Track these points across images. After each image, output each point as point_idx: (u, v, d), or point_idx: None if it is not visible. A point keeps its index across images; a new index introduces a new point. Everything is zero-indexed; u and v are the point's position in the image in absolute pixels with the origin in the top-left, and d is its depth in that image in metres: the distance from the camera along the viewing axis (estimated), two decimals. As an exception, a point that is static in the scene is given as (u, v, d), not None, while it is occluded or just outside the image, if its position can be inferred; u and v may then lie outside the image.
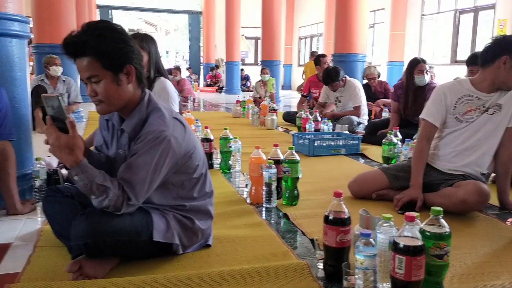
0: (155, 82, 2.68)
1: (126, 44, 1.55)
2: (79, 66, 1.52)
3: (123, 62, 1.55)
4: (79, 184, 1.49)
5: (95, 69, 1.51)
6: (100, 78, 1.52)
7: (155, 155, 1.55)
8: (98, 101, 1.57)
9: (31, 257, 1.73)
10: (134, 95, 1.62)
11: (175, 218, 1.71)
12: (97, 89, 1.54)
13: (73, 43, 1.49)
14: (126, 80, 1.57)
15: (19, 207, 2.25)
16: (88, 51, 1.49)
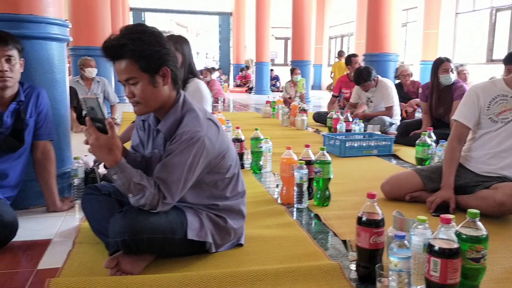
0: (189, 83, 2.73)
1: (162, 46, 1.59)
2: (118, 68, 1.57)
3: (160, 64, 1.59)
4: (118, 183, 1.54)
5: (133, 71, 1.56)
6: (137, 80, 1.57)
7: (189, 155, 1.58)
8: (135, 103, 1.61)
9: (70, 253, 1.80)
10: (169, 97, 1.66)
11: (209, 217, 1.74)
12: (134, 91, 1.58)
13: (112, 46, 1.54)
14: (162, 82, 1.61)
15: (58, 204, 2.34)
16: (126, 54, 1.53)
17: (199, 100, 2.67)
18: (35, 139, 2.25)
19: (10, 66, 2.05)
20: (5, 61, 2.04)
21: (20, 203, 2.31)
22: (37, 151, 2.27)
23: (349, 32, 16.25)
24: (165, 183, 1.57)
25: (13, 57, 2.07)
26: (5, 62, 2.04)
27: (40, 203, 2.39)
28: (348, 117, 4.81)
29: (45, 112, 2.27)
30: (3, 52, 2.04)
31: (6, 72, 2.04)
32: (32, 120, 2.21)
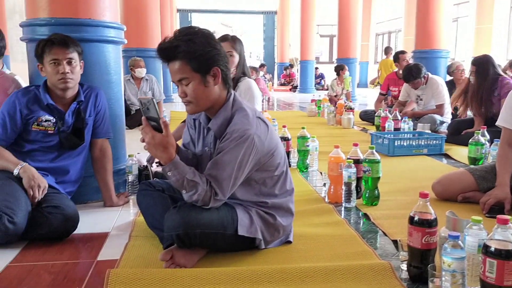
0: (240, 81, 2.78)
1: (213, 47, 1.64)
2: (171, 69, 1.64)
3: (210, 65, 1.64)
4: (172, 179, 1.60)
5: (185, 72, 1.62)
6: (189, 80, 1.63)
7: (239, 153, 1.62)
8: (187, 102, 1.67)
9: (127, 246, 1.88)
10: (220, 96, 1.71)
11: (258, 214, 1.78)
12: (186, 91, 1.64)
13: (166, 48, 1.61)
14: (213, 82, 1.66)
15: (114, 199, 2.45)
16: (179, 55, 1.60)
17: (250, 99, 2.72)
18: (93, 137, 2.37)
19: (71, 68, 2.17)
20: (67, 63, 2.16)
21: (79, 198, 2.43)
22: (95, 149, 2.39)
23: (396, 29, 15.89)
24: (216, 180, 1.62)
25: (73, 59, 2.19)
26: (67, 65, 2.16)
27: (98, 198, 2.52)
28: (397, 116, 4.72)
29: (103, 112, 2.38)
30: (64, 55, 2.16)
31: (68, 74, 2.16)
32: (91, 119, 2.33)
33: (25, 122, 2.16)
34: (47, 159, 2.22)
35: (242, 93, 2.71)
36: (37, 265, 1.72)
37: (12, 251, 1.83)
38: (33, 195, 1.98)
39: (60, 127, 2.21)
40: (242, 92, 2.72)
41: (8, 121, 2.12)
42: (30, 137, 2.19)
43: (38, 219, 1.91)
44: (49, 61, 2.15)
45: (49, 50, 2.15)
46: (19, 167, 2.04)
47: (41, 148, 2.21)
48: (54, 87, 2.19)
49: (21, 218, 1.84)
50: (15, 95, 2.17)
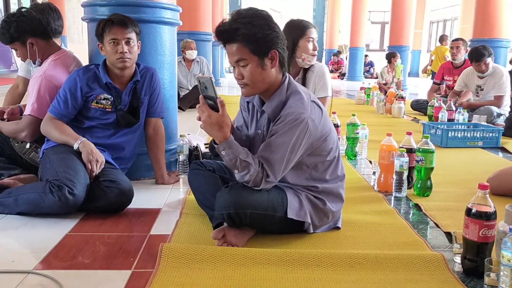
0: (314, 65, 2.73)
1: (272, 30, 1.63)
2: (229, 51, 1.65)
3: (269, 47, 1.63)
4: (225, 158, 1.62)
5: (243, 53, 1.62)
6: (247, 62, 1.63)
7: (293, 136, 1.62)
8: (243, 84, 1.68)
9: (178, 222, 1.94)
10: (276, 79, 1.70)
11: (308, 198, 1.77)
12: (243, 73, 1.65)
13: (225, 30, 1.62)
14: (270, 65, 1.66)
15: (166, 178, 2.52)
16: (238, 37, 1.60)
17: (323, 85, 2.68)
18: (147, 116, 2.43)
19: (129, 48, 2.23)
20: (125, 43, 2.22)
21: (132, 174, 2.52)
22: (149, 128, 2.45)
23: (452, 16, 15.21)
24: (269, 162, 1.63)
25: (132, 39, 2.25)
26: (125, 44, 2.22)
27: (149, 176, 2.60)
28: (451, 106, 4.54)
29: (158, 91, 2.44)
30: (123, 35, 2.22)
31: (126, 54, 2.22)
32: (146, 99, 2.40)
33: (85, 99, 2.25)
34: (104, 135, 2.31)
35: (316, 78, 2.67)
36: (93, 236, 1.80)
37: (71, 221, 1.93)
38: (91, 169, 2.06)
39: (118, 106, 2.29)
40: (316, 77, 2.69)
41: (69, 97, 2.22)
42: (89, 114, 2.28)
43: (96, 192, 2.00)
44: (108, 40, 2.22)
45: (109, 30, 2.21)
46: (79, 142, 2.13)
47: (99, 125, 2.29)
48: (113, 66, 2.26)
49: (80, 190, 1.93)
50: (76, 73, 2.26)
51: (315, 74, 2.69)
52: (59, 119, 2.22)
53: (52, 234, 1.80)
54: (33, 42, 2.39)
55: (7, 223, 1.90)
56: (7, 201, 1.97)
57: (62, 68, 2.42)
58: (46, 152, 2.17)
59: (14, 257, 1.59)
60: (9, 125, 2.36)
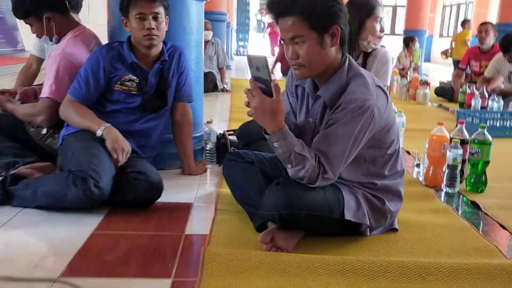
0: (377, 50, 2.44)
1: (336, 2, 1.40)
2: (283, 25, 1.42)
3: (331, 22, 1.41)
4: (278, 151, 1.41)
5: (301, 29, 1.40)
6: (304, 39, 1.41)
7: (356, 126, 1.41)
8: (298, 65, 1.46)
9: (214, 220, 1.73)
10: (335, 59, 1.48)
11: (365, 196, 1.57)
12: (299, 51, 1.43)
13: (281, 1, 1.39)
14: (330, 43, 1.44)
15: (193, 168, 2.31)
16: (296, 9, 1.37)
17: (385, 72, 2.42)
18: (175, 100, 2.22)
19: (157, 24, 2.00)
20: (152, 18, 2.00)
21: (157, 163, 2.29)
22: (176, 113, 2.24)
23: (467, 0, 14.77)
24: (327, 156, 1.42)
25: (159, 14, 2.02)
26: (153, 20, 1.99)
27: (175, 165, 2.39)
28: (484, 93, 4.30)
29: (186, 73, 2.22)
30: (150, 9, 1.99)
31: (153, 30, 1.99)
32: (174, 81, 2.18)
33: (108, 80, 2.03)
34: (129, 121, 2.09)
35: (378, 65, 2.37)
36: (123, 235, 1.60)
37: (96, 217, 1.73)
38: (116, 158, 1.86)
39: (143, 88, 2.07)
40: (378, 63, 2.39)
41: (91, 78, 2.00)
42: (113, 97, 2.06)
43: (123, 184, 1.80)
44: (134, 15, 1.99)
45: (135, 3, 1.98)
46: (103, 128, 1.92)
47: (124, 109, 2.08)
48: (139, 44, 2.04)
49: (106, 183, 1.73)
50: (99, 51, 2.03)
51: (377, 60, 2.38)
52: (80, 102, 2.01)
53: (76, 232, 1.60)
54: (50, 17, 2.16)
55: (26, 219, 1.71)
56: (25, 193, 1.77)
57: (83, 46, 2.20)
58: (66, 139, 1.96)
59: (36, 260, 1.40)
60: (24, 108, 2.15)
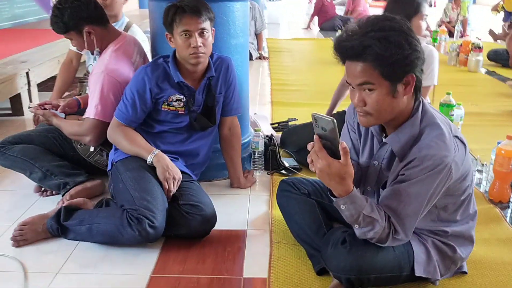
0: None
1: (413, 49, 1.24)
2: (351, 69, 1.27)
3: (406, 71, 1.25)
4: (345, 213, 1.32)
5: (371, 77, 1.25)
6: (374, 87, 1.26)
7: (432, 186, 1.29)
8: (364, 113, 1.32)
9: (271, 258, 1.68)
10: (407, 107, 1.34)
11: (435, 245, 1.47)
12: (366, 99, 1.29)
13: (351, 47, 1.23)
14: (403, 91, 1.29)
15: (242, 181, 2.24)
16: (368, 57, 1.22)
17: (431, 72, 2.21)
18: (222, 114, 2.12)
19: (203, 41, 1.87)
20: (199, 35, 1.86)
21: (204, 175, 2.25)
22: (224, 127, 2.15)
23: None
24: (398, 215, 1.31)
25: (206, 29, 1.88)
26: (199, 36, 1.86)
27: (223, 176, 2.34)
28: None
29: (234, 86, 2.10)
30: (196, 25, 1.85)
31: (200, 48, 1.86)
32: (221, 96, 2.07)
33: (154, 101, 1.94)
34: (177, 141, 2.02)
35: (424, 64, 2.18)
36: (181, 280, 1.58)
37: (151, 254, 1.71)
38: (168, 188, 1.81)
39: (191, 107, 1.98)
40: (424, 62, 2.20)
41: (137, 100, 1.91)
42: (160, 117, 1.98)
43: (176, 218, 1.76)
44: (179, 32, 1.86)
45: (180, 20, 1.84)
46: (152, 155, 1.86)
47: (171, 129, 2.00)
48: (184, 62, 1.92)
49: (161, 221, 1.69)
50: (144, 71, 1.93)
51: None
52: (128, 125, 1.94)
53: (135, 276, 1.59)
54: (90, 31, 2.06)
55: (84, 256, 1.70)
56: (80, 229, 1.76)
57: (124, 59, 2.10)
58: (116, 166, 1.92)
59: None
60: (71, 126, 2.10)
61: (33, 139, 2.18)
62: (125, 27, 2.66)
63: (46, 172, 2.08)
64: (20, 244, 1.74)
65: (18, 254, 1.69)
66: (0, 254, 1.68)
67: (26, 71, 3.29)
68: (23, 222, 1.78)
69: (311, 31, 8.75)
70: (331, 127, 1.20)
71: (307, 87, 4.30)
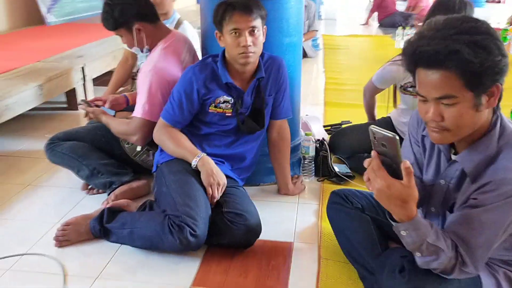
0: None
1: (503, 55, 1.05)
2: (427, 79, 1.10)
3: (494, 81, 1.08)
4: (406, 240, 1.17)
5: (454, 88, 1.07)
6: (456, 100, 1.09)
7: (509, 214, 1.11)
8: (440, 129, 1.15)
9: (319, 276, 1.56)
10: (486, 121, 1.16)
11: (507, 277, 1.28)
12: (445, 113, 1.11)
13: (435, 52, 1.06)
14: (486, 104, 1.11)
15: (291, 188, 2.13)
16: (451, 63, 1.05)
17: None
18: (272, 117, 2.01)
19: (253, 40, 1.77)
20: (249, 33, 1.76)
21: (251, 179, 2.16)
22: (273, 131, 2.04)
23: None
24: (468, 245, 1.14)
25: (256, 28, 1.77)
26: (249, 35, 1.76)
27: (270, 181, 2.23)
28: None
29: (284, 88, 1.98)
30: (247, 23, 1.75)
31: (249, 47, 1.76)
32: (271, 99, 1.96)
33: (201, 102, 1.87)
34: (224, 144, 1.94)
35: None
36: (224, 294, 1.50)
37: (192, 263, 1.64)
38: (212, 194, 1.73)
39: (238, 109, 1.88)
40: None
41: (184, 101, 1.84)
42: (207, 119, 1.90)
43: (219, 226, 1.67)
44: (229, 30, 1.76)
45: (230, 17, 1.75)
46: (197, 159, 1.78)
47: (218, 132, 1.92)
48: (233, 61, 1.83)
49: (203, 229, 1.61)
50: (192, 71, 1.85)
51: None
52: (174, 126, 1.88)
53: (174, 286, 1.52)
54: (140, 28, 2.01)
55: (124, 261, 1.66)
56: (122, 233, 1.72)
57: (174, 58, 2.03)
58: (161, 168, 1.86)
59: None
60: (118, 124, 2.07)
61: (82, 136, 2.18)
62: (176, 23, 2.61)
63: (93, 170, 2.07)
64: (62, 245, 1.72)
65: (60, 254, 1.68)
66: (40, 254, 1.67)
67: (82, 66, 3.33)
68: (66, 223, 1.76)
69: (370, 27, 8.42)
70: (393, 144, 1.06)
71: (363, 86, 4.07)
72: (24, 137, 2.85)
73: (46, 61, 3.35)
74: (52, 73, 3.03)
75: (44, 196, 2.13)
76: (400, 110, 2.37)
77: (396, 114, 2.40)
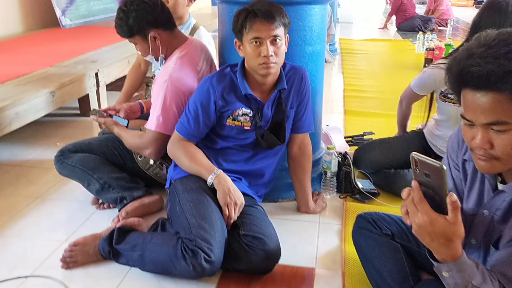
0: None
1: None
2: (476, 102, 0.97)
3: None
4: (448, 281, 1.04)
5: (506, 113, 0.94)
6: (509, 127, 0.96)
7: None
8: (488, 157, 1.02)
9: (344, 310, 1.44)
10: None
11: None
12: (496, 141, 0.98)
13: (488, 72, 0.92)
14: None
15: (311, 206, 2.00)
16: (506, 86, 0.93)
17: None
18: (292, 131, 1.89)
19: (275, 49, 1.65)
20: (270, 43, 1.64)
21: (269, 194, 2.05)
22: (294, 145, 1.92)
23: None
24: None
25: (279, 36, 1.65)
26: (270, 45, 1.64)
27: (289, 197, 2.11)
28: None
29: (307, 100, 1.86)
30: (268, 31, 1.63)
31: (271, 58, 1.64)
32: (293, 112, 1.84)
33: (219, 115, 1.75)
34: (241, 159, 1.82)
35: None
36: (239, 327, 1.38)
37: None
38: (228, 215, 1.62)
39: (258, 122, 1.76)
40: None
41: (201, 113, 1.73)
42: (223, 133, 1.79)
43: (235, 250, 1.55)
44: (249, 39, 1.65)
45: (250, 25, 1.64)
46: (213, 176, 1.67)
47: (235, 146, 1.81)
48: (253, 72, 1.71)
49: (218, 255, 1.49)
50: (209, 82, 1.74)
51: None
52: (189, 140, 1.77)
53: (187, 318, 1.41)
54: (156, 36, 1.90)
55: (133, 286, 1.55)
56: (132, 256, 1.61)
57: (190, 68, 1.92)
58: (175, 185, 1.75)
59: None
60: (131, 137, 1.96)
61: (93, 148, 2.08)
62: (191, 29, 2.50)
63: (104, 184, 1.97)
64: (70, 266, 1.62)
65: (66, 277, 1.58)
66: (46, 276, 1.57)
67: (96, 71, 3.25)
68: (75, 243, 1.66)
69: (388, 31, 8.23)
70: (439, 175, 0.93)
71: (384, 94, 3.93)
72: (35, 145, 2.77)
73: (59, 66, 3.27)
74: (65, 79, 2.95)
75: (52, 210, 2.04)
76: (435, 122, 2.19)
77: (430, 126, 2.23)
